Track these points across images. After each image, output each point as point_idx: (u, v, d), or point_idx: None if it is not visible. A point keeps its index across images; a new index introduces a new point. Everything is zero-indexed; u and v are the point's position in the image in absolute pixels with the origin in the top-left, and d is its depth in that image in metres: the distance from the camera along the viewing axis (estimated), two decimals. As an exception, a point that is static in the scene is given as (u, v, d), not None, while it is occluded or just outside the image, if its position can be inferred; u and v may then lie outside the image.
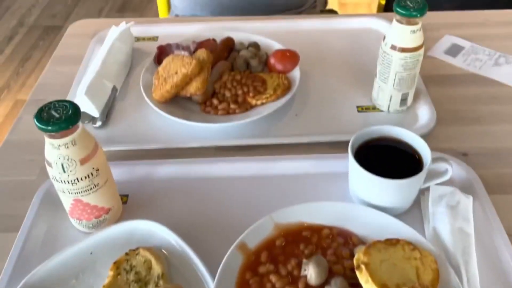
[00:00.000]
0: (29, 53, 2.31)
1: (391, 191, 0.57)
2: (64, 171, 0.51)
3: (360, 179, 0.58)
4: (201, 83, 0.72)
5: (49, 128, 0.48)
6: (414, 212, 0.61)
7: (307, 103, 0.78)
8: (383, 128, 0.61)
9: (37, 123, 0.48)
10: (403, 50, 0.67)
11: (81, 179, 0.52)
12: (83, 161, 0.51)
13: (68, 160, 0.50)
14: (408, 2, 0.65)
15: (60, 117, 0.49)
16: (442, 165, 0.59)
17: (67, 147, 0.50)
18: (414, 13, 0.64)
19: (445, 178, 0.59)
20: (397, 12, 0.65)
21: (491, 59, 0.85)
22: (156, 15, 1.41)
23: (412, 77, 0.71)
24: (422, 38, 0.68)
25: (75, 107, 0.50)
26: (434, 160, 0.57)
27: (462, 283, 0.51)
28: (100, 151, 0.54)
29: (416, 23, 0.66)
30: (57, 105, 0.50)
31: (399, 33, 0.67)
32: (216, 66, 0.78)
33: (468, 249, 0.54)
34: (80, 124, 0.51)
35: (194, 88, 0.72)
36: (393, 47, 0.68)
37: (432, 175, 0.59)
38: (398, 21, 0.66)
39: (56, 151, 0.50)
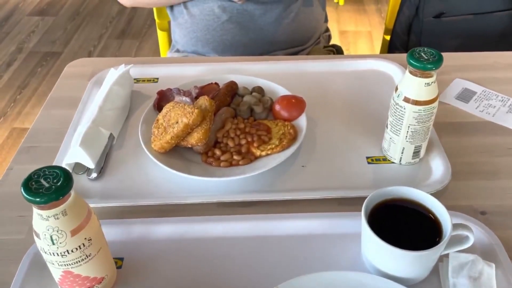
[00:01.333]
0: (27, 80, 2.29)
1: (408, 261, 0.53)
2: (53, 243, 0.47)
3: (374, 247, 0.54)
4: (203, 134, 0.68)
5: (37, 199, 0.44)
6: (432, 280, 0.56)
7: (314, 153, 0.74)
8: (399, 190, 0.57)
9: (25, 194, 0.44)
10: (416, 103, 0.64)
11: (72, 251, 0.48)
12: (74, 232, 0.47)
13: (57, 231, 0.46)
14: (422, 54, 0.62)
15: (50, 186, 0.44)
16: (462, 232, 0.54)
17: (57, 218, 0.46)
18: (430, 66, 0.61)
19: (466, 246, 0.55)
20: (411, 65, 0.62)
21: (505, 106, 0.82)
22: (156, 43, 1.39)
23: (426, 130, 0.67)
24: (437, 89, 0.65)
25: (67, 175, 0.46)
26: (454, 226, 0.53)
27: None
28: (94, 218, 0.50)
29: (430, 76, 0.62)
30: (47, 172, 0.46)
31: (413, 85, 0.63)
32: (218, 113, 0.75)
33: (494, 327, 0.50)
34: (72, 192, 0.46)
35: (195, 139, 0.69)
36: (406, 100, 0.64)
37: (451, 242, 0.55)
38: (411, 72, 0.63)
39: (44, 222, 0.46)
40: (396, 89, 0.66)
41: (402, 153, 0.69)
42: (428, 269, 0.55)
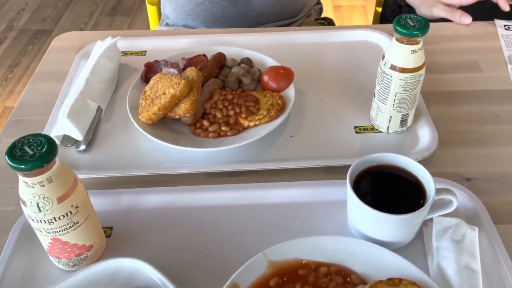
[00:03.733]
0: (18, 59, 2.26)
1: (392, 225, 0.53)
2: (40, 211, 0.47)
3: (359, 212, 0.55)
4: (190, 105, 0.68)
5: (22, 166, 0.44)
6: (416, 244, 0.57)
7: (302, 123, 0.74)
8: (384, 156, 0.57)
9: (9, 162, 0.44)
10: (403, 70, 0.64)
11: (59, 218, 0.48)
12: (60, 200, 0.47)
13: (43, 199, 0.47)
14: (409, 21, 0.62)
15: (34, 154, 0.45)
16: (446, 196, 0.55)
17: (43, 185, 0.46)
18: (416, 33, 0.60)
19: (449, 210, 0.56)
20: (397, 31, 0.61)
21: (494, 74, 0.82)
22: (147, 20, 1.38)
23: (413, 98, 0.67)
24: (424, 57, 0.64)
25: (51, 143, 0.46)
26: (438, 191, 0.54)
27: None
28: (80, 186, 0.50)
29: (417, 43, 0.62)
30: (31, 140, 0.46)
31: (399, 52, 0.63)
32: (206, 85, 0.75)
33: (475, 288, 0.51)
34: (57, 159, 0.47)
35: (183, 110, 0.68)
36: (392, 67, 0.64)
37: (435, 206, 0.56)
38: (398, 40, 0.63)
39: (30, 189, 0.46)
40: (383, 57, 0.66)
41: (389, 121, 0.70)
42: (413, 233, 0.56)
